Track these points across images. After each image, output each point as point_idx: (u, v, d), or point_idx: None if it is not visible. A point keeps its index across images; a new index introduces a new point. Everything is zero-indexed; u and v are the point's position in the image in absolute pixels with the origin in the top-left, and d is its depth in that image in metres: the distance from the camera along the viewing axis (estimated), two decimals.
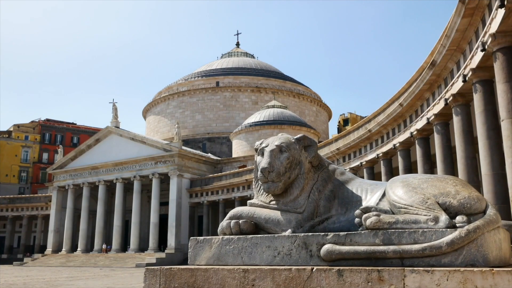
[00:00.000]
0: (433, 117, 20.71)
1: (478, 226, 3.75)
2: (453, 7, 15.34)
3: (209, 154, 64.02)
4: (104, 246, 56.42)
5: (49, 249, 59.52)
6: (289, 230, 4.67)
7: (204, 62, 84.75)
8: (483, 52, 14.42)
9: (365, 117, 36.01)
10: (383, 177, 28.16)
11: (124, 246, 57.33)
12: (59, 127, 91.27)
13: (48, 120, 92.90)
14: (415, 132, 23.35)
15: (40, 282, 21.93)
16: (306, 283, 4.02)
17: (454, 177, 4.48)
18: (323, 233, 4.34)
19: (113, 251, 54.55)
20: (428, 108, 21.47)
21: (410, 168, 25.60)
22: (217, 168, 59.59)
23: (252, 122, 60.54)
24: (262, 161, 4.93)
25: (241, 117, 69.81)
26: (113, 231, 56.26)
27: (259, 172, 4.94)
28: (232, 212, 5.22)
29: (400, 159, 26.07)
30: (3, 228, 69.65)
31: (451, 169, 20.03)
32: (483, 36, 14.37)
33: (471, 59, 15.88)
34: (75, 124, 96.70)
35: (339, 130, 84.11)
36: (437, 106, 20.23)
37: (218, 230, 5.19)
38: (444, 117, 20.23)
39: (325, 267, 4.02)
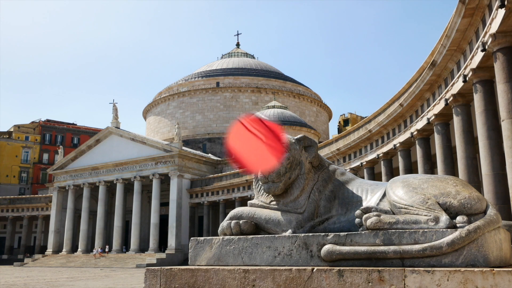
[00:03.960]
0: (433, 117, 20.71)
1: (478, 226, 3.75)
2: (453, 7, 15.35)
3: (210, 155, 64.01)
4: (95, 250, 54.56)
5: (49, 250, 59.54)
6: (290, 231, 4.67)
7: (204, 63, 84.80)
8: (484, 52, 14.42)
9: (365, 117, 36.00)
10: (383, 178, 28.16)
11: (124, 246, 57.34)
12: (59, 128, 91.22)
13: (48, 120, 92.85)
14: (415, 132, 23.34)
15: (41, 282, 21.93)
16: (307, 283, 4.02)
17: (455, 177, 4.48)
18: (323, 234, 4.33)
19: (114, 252, 54.54)
20: (429, 108, 21.46)
21: (411, 168, 25.61)
22: (217, 169, 59.59)
23: None
24: None
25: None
26: (114, 232, 56.27)
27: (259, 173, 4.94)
28: (232, 213, 5.22)
29: (400, 159, 26.07)
30: (3, 228, 69.66)
31: (451, 169, 20.02)
32: (483, 36, 14.37)
33: (471, 59, 15.88)
34: (76, 124, 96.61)
35: (339, 131, 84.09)
36: (438, 106, 20.22)
37: (219, 230, 5.20)
38: (444, 117, 20.22)
39: (326, 268, 4.02)
